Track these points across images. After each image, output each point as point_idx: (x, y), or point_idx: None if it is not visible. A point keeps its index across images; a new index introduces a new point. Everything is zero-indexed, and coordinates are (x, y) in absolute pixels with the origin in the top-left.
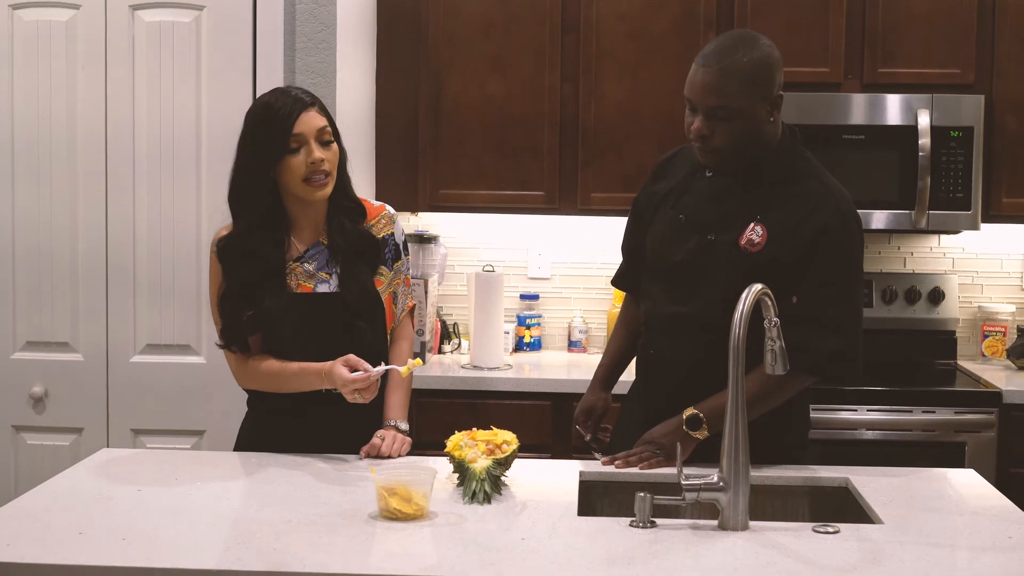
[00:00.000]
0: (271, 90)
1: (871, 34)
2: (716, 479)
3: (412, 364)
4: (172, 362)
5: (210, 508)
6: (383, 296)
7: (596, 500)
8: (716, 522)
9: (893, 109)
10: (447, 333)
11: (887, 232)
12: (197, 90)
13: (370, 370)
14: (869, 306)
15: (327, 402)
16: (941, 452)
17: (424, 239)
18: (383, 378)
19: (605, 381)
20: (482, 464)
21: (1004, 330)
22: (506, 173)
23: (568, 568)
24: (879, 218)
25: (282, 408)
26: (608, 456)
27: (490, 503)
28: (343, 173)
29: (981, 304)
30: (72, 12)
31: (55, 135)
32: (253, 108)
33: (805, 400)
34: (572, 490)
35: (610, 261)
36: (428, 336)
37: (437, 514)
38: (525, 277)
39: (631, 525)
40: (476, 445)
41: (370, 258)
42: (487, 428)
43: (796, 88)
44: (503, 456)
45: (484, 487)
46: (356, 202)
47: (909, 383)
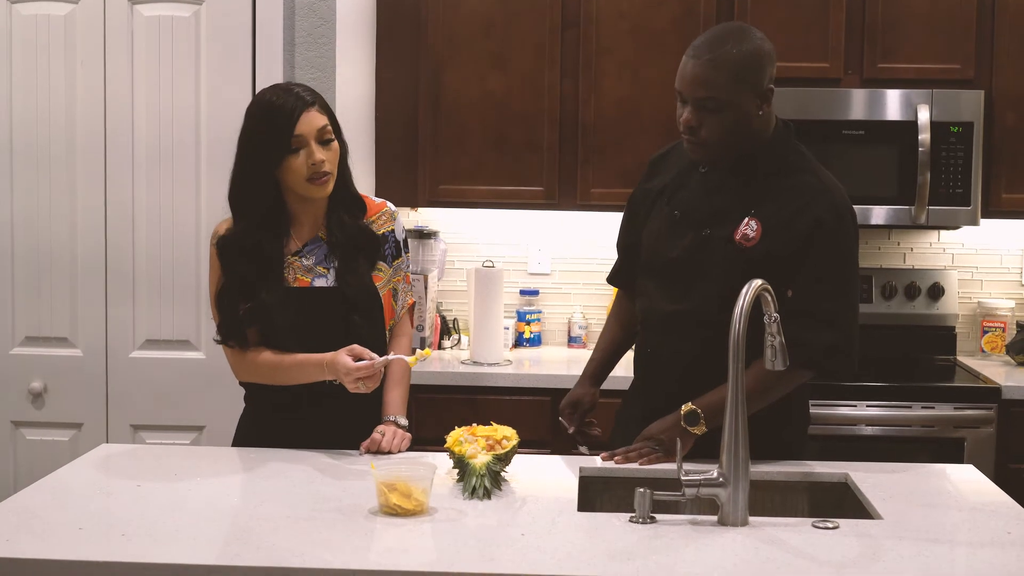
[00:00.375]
0: (271, 87)
1: (871, 29)
2: (716, 475)
3: (421, 354)
4: (171, 358)
5: (209, 503)
6: (382, 292)
7: (596, 496)
8: (716, 518)
9: (893, 104)
10: (447, 329)
11: (887, 228)
12: (196, 85)
13: (375, 359)
14: (868, 302)
15: (326, 396)
16: (940, 448)
17: (424, 235)
18: (383, 372)
19: (594, 376)
20: (482, 460)
21: (1003, 326)
22: (506, 169)
23: (568, 563)
24: (879, 213)
25: (280, 403)
26: (607, 452)
27: (490, 499)
28: (344, 167)
29: (980, 300)
30: (71, 6)
31: (54, 130)
32: (254, 106)
33: (804, 396)
34: (572, 486)
35: (610, 257)
36: (428, 332)
37: (437, 510)
38: (525, 273)
39: (631, 521)
40: (476, 441)
41: (369, 253)
42: (487, 424)
43: (796, 83)
44: (503, 452)
45: (484, 483)
46: (356, 196)
47: (908, 379)
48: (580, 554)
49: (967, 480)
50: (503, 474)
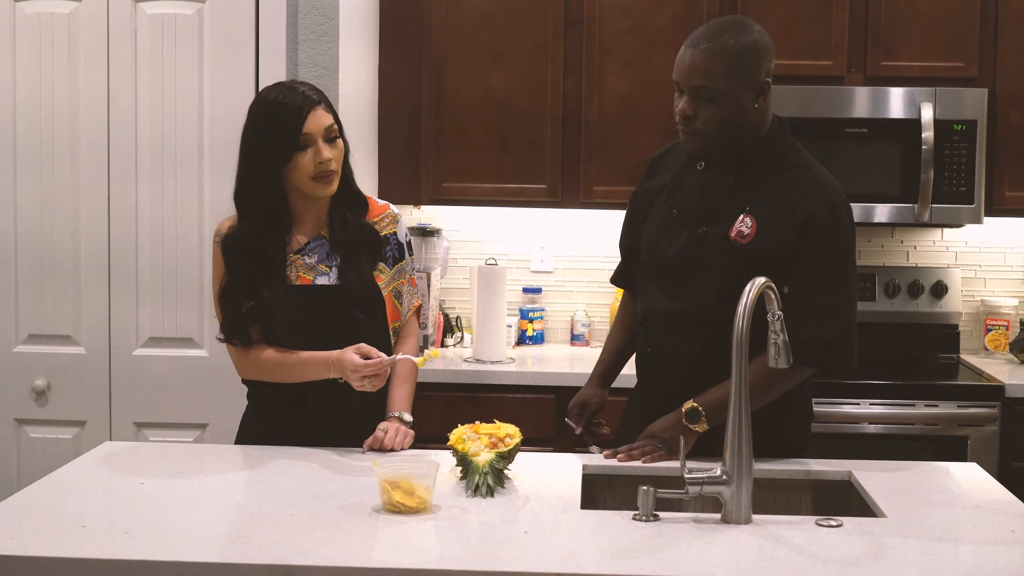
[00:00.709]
0: (275, 84)
1: (874, 27)
2: (719, 472)
3: (429, 354)
4: (174, 355)
5: (213, 501)
6: (383, 293)
7: (599, 494)
8: (719, 515)
9: (896, 102)
10: (450, 326)
11: (890, 226)
12: (199, 83)
13: (382, 358)
14: (872, 300)
15: (329, 394)
16: (943, 446)
17: (427, 232)
18: (390, 371)
19: (602, 378)
20: (485, 457)
21: (1007, 324)
22: (509, 166)
23: (571, 561)
24: (882, 212)
25: (284, 400)
26: (610, 450)
27: (493, 496)
28: (346, 166)
29: (984, 298)
30: (74, 4)
31: (57, 128)
32: (259, 105)
33: (806, 393)
34: (575, 483)
35: (612, 255)
36: (431, 329)
37: (440, 507)
38: (528, 270)
39: (634, 518)
40: (479, 438)
41: (371, 251)
42: (490, 421)
43: (799, 81)
44: (506, 449)
45: (487, 480)
46: (359, 194)
47: (912, 377)
48: (583, 552)
49: (971, 478)
50: (506, 472)
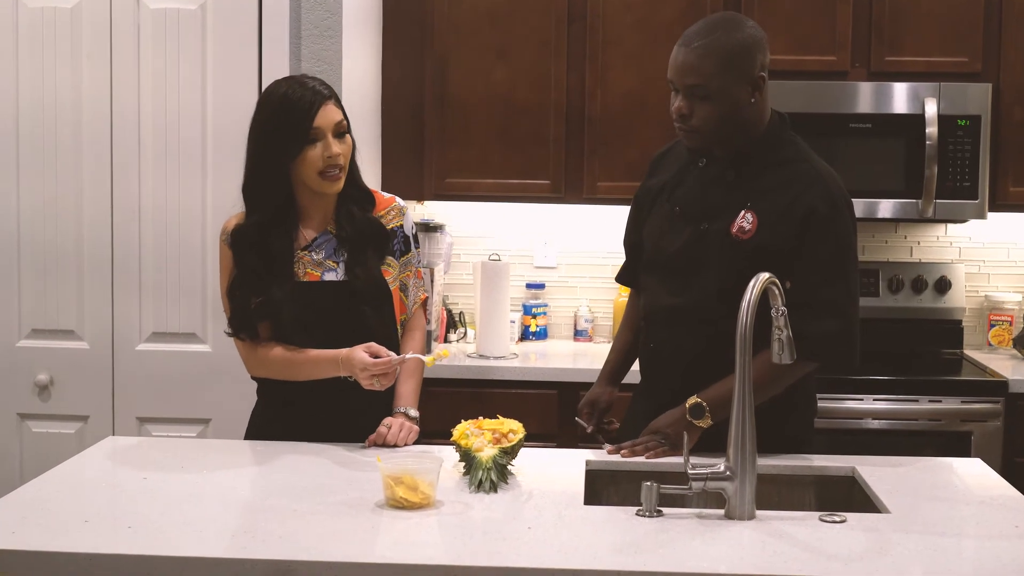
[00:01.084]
0: (285, 79)
1: (878, 22)
2: (723, 468)
3: (439, 354)
4: (178, 350)
5: (216, 496)
6: (391, 287)
7: (602, 489)
8: (723, 511)
9: (900, 98)
10: (453, 322)
11: (894, 221)
12: (203, 78)
13: (391, 357)
14: (875, 295)
15: (339, 390)
16: (947, 441)
17: (430, 228)
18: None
19: (611, 376)
20: (488, 453)
21: (1011, 319)
22: (512, 162)
23: (574, 557)
24: (885, 207)
25: (293, 397)
26: (613, 446)
27: (496, 492)
28: (353, 163)
29: (988, 293)
30: (77, 0)
31: (60, 123)
32: (268, 98)
33: (808, 388)
34: (578, 479)
35: (616, 250)
36: (434, 325)
37: (443, 503)
38: (531, 266)
39: (637, 514)
40: (482, 434)
41: (378, 246)
42: (493, 417)
43: (802, 76)
44: (509, 445)
45: (490, 476)
46: (365, 190)
47: (915, 372)
48: (587, 547)
49: (974, 474)
50: (509, 467)
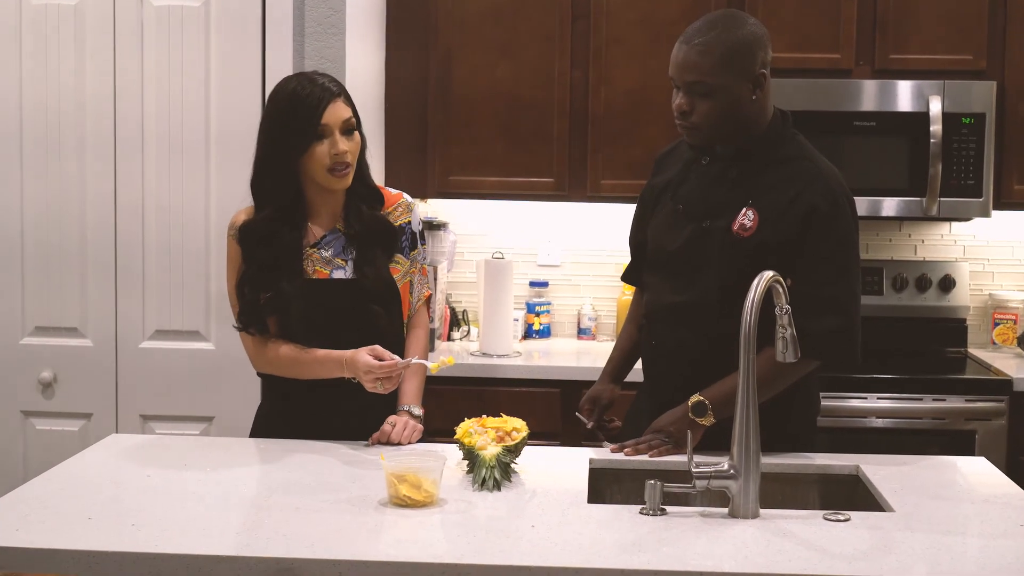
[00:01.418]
0: (296, 75)
1: (882, 20)
2: (727, 467)
3: (443, 361)
4: (181, 348)
5: (219, 494)
6: (399, 284)
7: (606, 488)
8: (726, 510)
9: (904, 95)
10: (456, 320)
11: (898, 219)
12: (206, 75)
13: (396, 360)
14: (879, 294)
15: (342, 389)
16: (951, 440)
17: (433, 226)
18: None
19: (614, 374)
20: (492, 451)
21: (1015, 318)
22: (516, 160)
23: (578, 555)
24: (890, 205)
25: (298, 395)
26: (617, 444)
27: (500, 490)
28: (361, 161)
29: (992, 292)
30: None
31: (64, 121)
32: (278, 94)
33: (810, 386)
34: (582, 477)
35: (620, 249)
36: (437, 323)
37: (447, 501)
38: (534, 264)
39: (641, 512)
40: (486, 432)
41: (386, 245)
42: (497, 415)
43: (807, 74)
44: (513, 443)
45: (494, 474)
46: (374, 189)
47: (919, 371)
48: (590, 546)
49: (979, 472)
50: (513, 466)
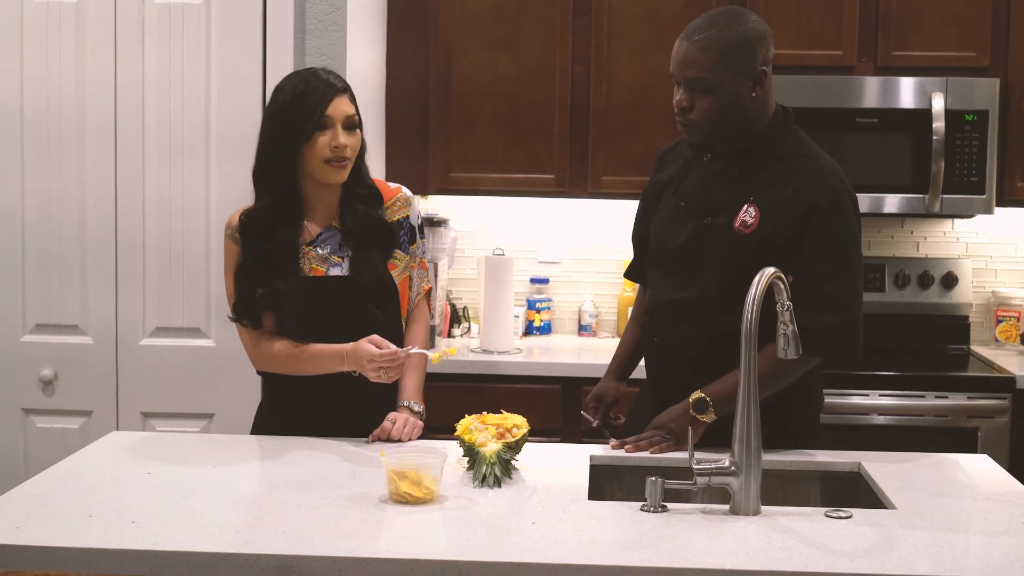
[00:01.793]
0: (304, 70)
1: (885, 17)
2: (728, 463)
3: (444, 351)
4: (181, 345)
5: (220, 491)
6: (398, 280)
7: (606, 484)
8: (728, 507)
9: (907, 92)
10: (457, 317)
11: (900, 216)
12: (207, 72)
13: (397, 350)
14: (882, 291)
15: (343, 385)
16: (953, 438)
17: (434, 222)
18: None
19: (619, 371)
20: (492, 448)
21: (1018, 315)
22: (516, 156)
23: (579, 552)
24: (892, 202)
25: (298, 391)
26: (618, 441)
27: (500, 487)
28: (361, 162)
29: (995, 289)
30: None
31: (64, 118)
32: (284, 87)
33: (812, 384)
34: (583, 474)
35: (621, 245)
36: (438, 320)
37: (447, 498)
38: (535, 261)
39: (642, 509)
40: (486, 429)
41: (383, 243)
42: (497, 412)
43: (809, 71)
44: (513, 440)
45: (494, 471)
46: (372, 188)
47: (921, 368)
48: (591, 543)
49: (981, 470)
50: (513, 462)
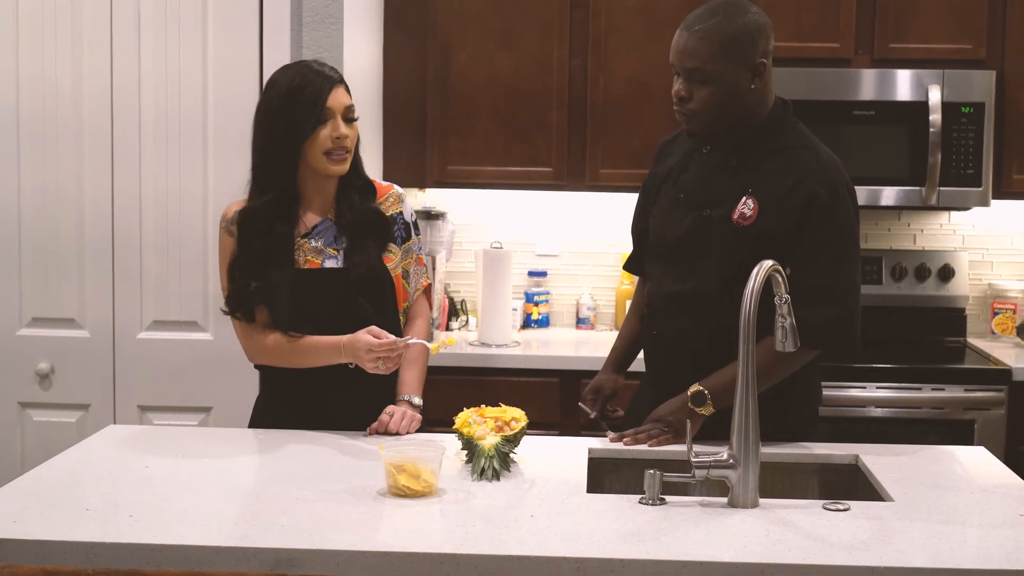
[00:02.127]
0: (295, 63)
1: (882, 9)
2: (726, 456)
3: (444, 342)
4: (179, 339)
5: (218, 485)
6: (392, 274)
7: (605, 477)
8: (726, 499)
9: (904, 85)
10: (455, 310)
11: (897, 209)
12: (203, 66)
13: (395, 338)
14: (878, 283)
15: (341, 378)
16: (950, 430)
17: (432, 216)
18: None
19: (617, 363)
20: (491, 441)
21: (1014, 307)
22: (514, 149)
23: (577, 545)
24: (889, 195)
25: (296, 385)
26: (616, 433)
27: (499, 480)
28: (356, 153)
29: (991, 281)
30: None
31: (60, 111)
32: (279, 81)
33: (810, 377)
34: (581, 467)
35: (619, 238)
36: (436, 313)
37: (446, 491)
38: (533, 254)
39: (640, 502)
40: (485, 422)
41: (378, 235)
42: (495, 405)
43: (806, 63)
44: (512, 433)
45: (493, 464)
46: (367, 181)
47: (918, 361)
48: (589, 535)
49: (978, 462)
50: (512, 455)
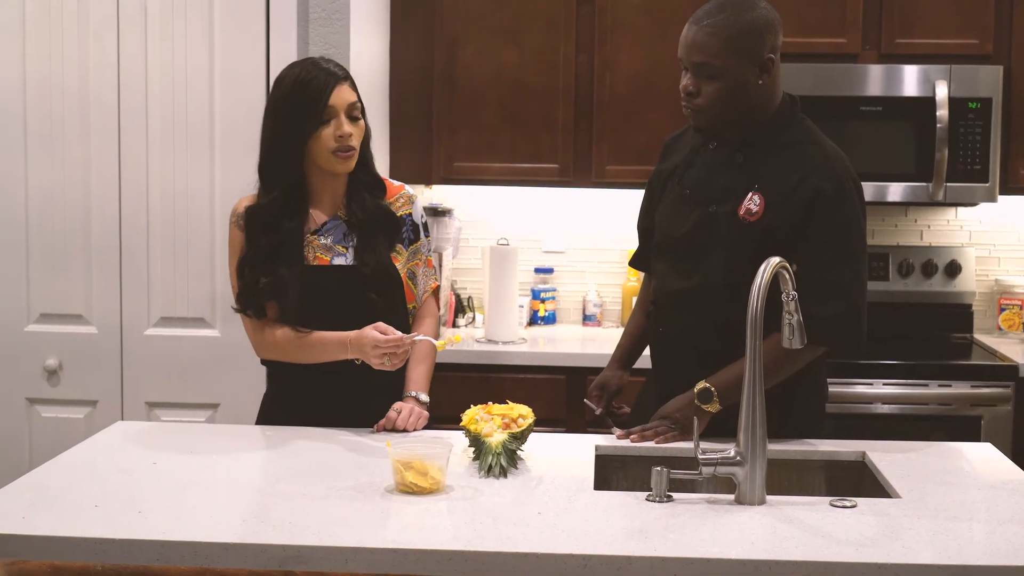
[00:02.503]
0: (301, 61)
1: (889, 4)
2: (733, 453)
3: (450, 339)
4: (186, 335)
5: (226, 481)
6: (400, 272)
7: (612, 474)
8: (733, 496)
9: (910, 80)
10: (461, 307)
11: (904, 204)
12: (210, 62)
13: (403, 335)
14: (885, 279)
15: (349, 374)
16: (957, 426)
17: (438, 212)
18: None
19: (622, 360)
20: (498, 438)
21: (1021, 303)
22: (520, 146)
23: (584, 542)
24: (896, 190)
25: (304, 381)
26: (623, 431)
27: (506, 477)
28: (366, 150)
29: (998, 277)
30: None
31: (67, 106)
32: (284, 79)
33: (816, 373)
34: (588, 464)
35: (625, 234)
36: (443, 310)
37: (453, 488)
38: (540, 251)
39: (647, 499)
40: (492, 419)
41: (388, 232)
42: (502, 402)
43: (813, 59)
44: (519, 430)
45: (500, 461)
46: (377, 178)
47: (925, 357)
48: (596, 533)
49: (985, 458)
50: (519, 452)
